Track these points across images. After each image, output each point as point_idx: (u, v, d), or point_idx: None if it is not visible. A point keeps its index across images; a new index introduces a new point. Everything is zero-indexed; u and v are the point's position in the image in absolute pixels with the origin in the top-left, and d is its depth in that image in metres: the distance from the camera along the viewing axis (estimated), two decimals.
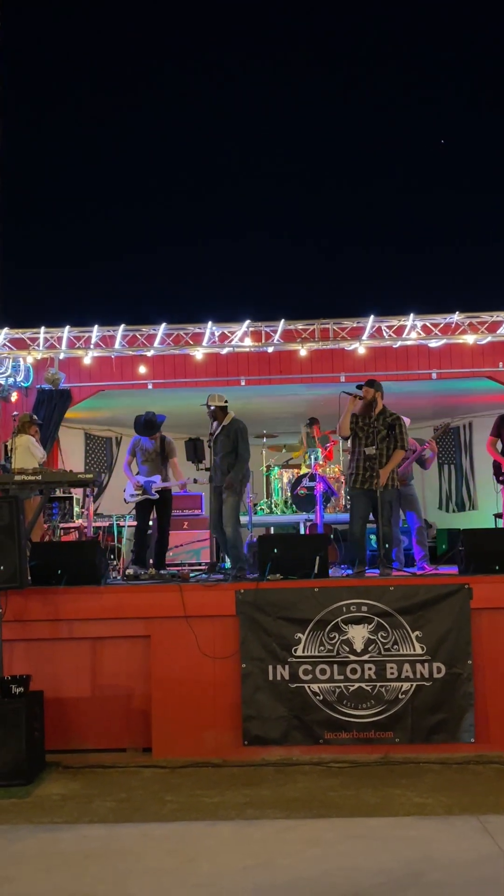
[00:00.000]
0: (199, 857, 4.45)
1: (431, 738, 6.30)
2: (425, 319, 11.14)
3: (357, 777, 5.84)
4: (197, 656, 6.48)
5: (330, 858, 4.38)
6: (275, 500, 11.67)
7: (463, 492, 14.86)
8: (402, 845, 4.54)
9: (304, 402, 12.87)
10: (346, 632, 6.43)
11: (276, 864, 4.32)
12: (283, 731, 6.33)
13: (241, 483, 8.19)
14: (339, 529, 11.22)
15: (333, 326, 11.20)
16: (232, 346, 11.13)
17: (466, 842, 4.56)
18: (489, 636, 6.47)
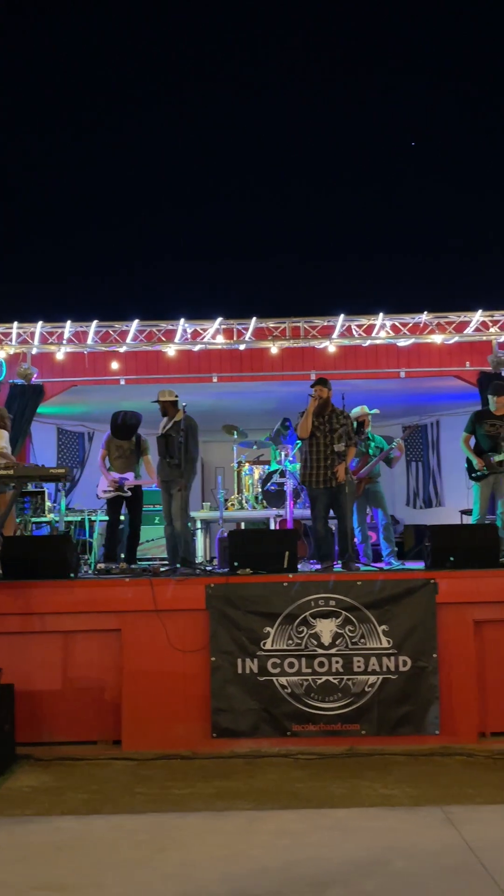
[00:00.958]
0: (169, 847, 4.47)
1: (397, 730, 6.36)
2: (394, 319, 11.22)
3: (324, 769, 5.88)
4: (167, 650, 6.50)
5: (298, 848, 4.41)
6: (245, 495, 11.69)
7: (430, 488, 14.98)
8: (368, 835, 4.59)
9: (275, 399, 12.90)
10: (314, 626, 6.47)
11: (245, 855, 4.35)
12: (252, 723, 6.36)
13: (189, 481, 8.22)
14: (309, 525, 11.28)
15: (304, 325, 11.24)
16: (204, 344, 11.15)
17: (430, 832, 4.62)
18: (454, 630, 6.54)
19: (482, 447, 8.60)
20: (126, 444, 9.00)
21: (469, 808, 5.00)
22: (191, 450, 8.13)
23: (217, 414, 13.34)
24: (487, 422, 8.60)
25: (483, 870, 4.07)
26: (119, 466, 8.96)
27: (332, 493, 7.84)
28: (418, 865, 4.16)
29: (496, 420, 8.59)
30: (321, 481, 7.85)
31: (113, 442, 9.00)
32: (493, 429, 8.55)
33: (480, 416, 8.72)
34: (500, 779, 5.59)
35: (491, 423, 8.58)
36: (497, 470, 8.46)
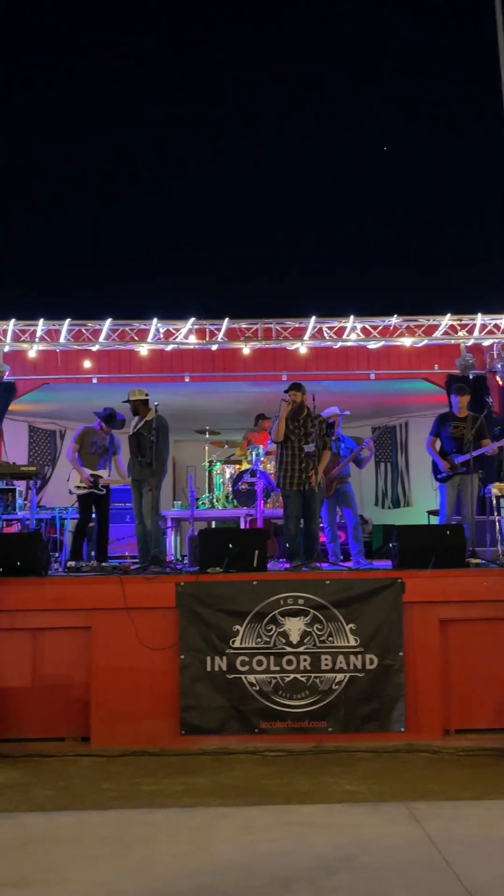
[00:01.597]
0: (135, 843, 4.46)
1: (363, 727, 6.39)
2: (365, 322, 11.26)
3: (291, 765, 5.90)
4: (137, 647, 6.48)
5: (264, 844, 4.42)
6: (216, 494, 11.68)
7: (398, 489, 15.05)
8: (334, 831, 4.61)
9: (247, 399, 12.90)
10: (282, 624, 6.49)
11: (211, 850, 4.35)
12: (220, 720, 6.37)
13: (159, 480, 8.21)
14: (279, 524, 11.30)
15: (276, 326, 11.26)
16: (177, 344, 11.12)
17: (395, 827, 4.65)
18: (420, 629, 6.59)
19: (447, 449, 8.68)
20: (103, 441, 8.94)
21: (433, 804, 5.05)
22: (161, 449, 8.10)
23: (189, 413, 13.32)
24: (451, 424, 8.70)
25: (445, 864, 4.10)
26: (94, 463, 8.91)
27: (304, 495, 7.96)
28: (382, 860, 4.19)
29: (459, 422, 8.68)
30: (294, 483, 7.96)
31: (89, 437, 8.90)
32: (458, 430, 8.64)
33: (445, 418, 8.81)
34: (464, 775, 5.64)
35: (455, 426, 8.67)
36: (460, 471, 8.55)
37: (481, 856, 4.23)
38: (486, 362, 11.71)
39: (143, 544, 8.28)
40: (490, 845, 4.37)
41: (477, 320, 11.26)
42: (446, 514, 8.67)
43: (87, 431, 8.93)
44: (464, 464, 8.51)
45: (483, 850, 4.31)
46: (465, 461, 8.49)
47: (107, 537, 9.04)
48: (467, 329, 11.33)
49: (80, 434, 8.91)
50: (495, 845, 4.37)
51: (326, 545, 9.30)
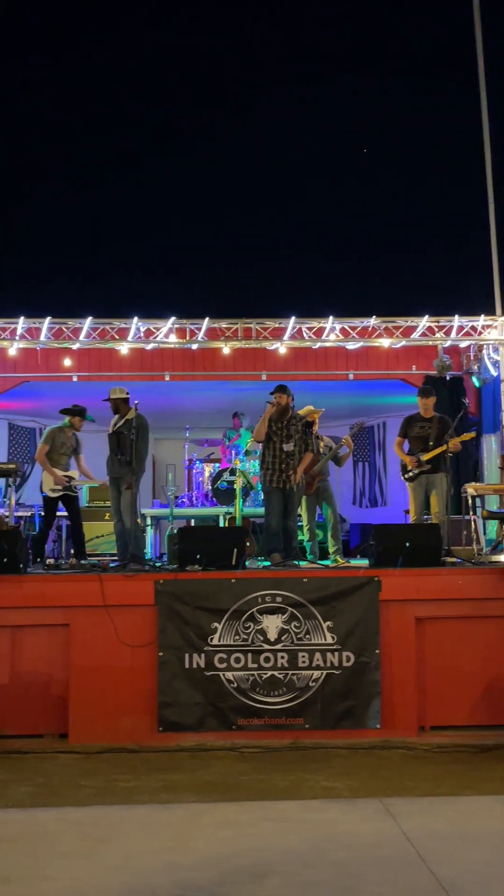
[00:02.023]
0: (113, 839, 4.46)
1: (340, 724, 6.42)
2: (344, 322, 11.29)
3: (268, 762, 5.92)
4: (115, 644, 6.48)
5: (240, 840, 4.44)
6: (196, 492, 11.69)
7: (376, 488, 15.12)
8: (310, 827, 4.63)
9: (226, 398, 12.90)
10: (260, 621, 6.50)
11: (188, 846, 4.36)
12: (198, 717, 6.38)
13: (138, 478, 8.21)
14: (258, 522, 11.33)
15: (256, 326, 11.27)
16: (157, 343, 11.11)
17: (370, 823, 4.68)
18: (396, 627, 6.62)
19: (413, 449, 8.85)
20: (70, 441, 8.91)
21: (408, 799, 5.08)
22: (140, 448, 8.10)
23: (169, 412, 13.32)
24: (417, 424, 8.90)
25: (420, 859, 4.13)
26: (64, 464, 8.88)
27: (284, 493, 8.10)
28: (357, 855, 4.22)
29: (425, 422, 8.88)
30: (275, 481, 8.11)
31: (58, 438, 8.85)
32: (423, 430, 8.83)
33: (411, 420, 9.01)
34: (439, 771, 5.68)
35: (420, 426, 8.88)
36: (426, 469, 8.68)
37: (455, 851, 4.26)
38: (463, 364, 11.78)
39: (121, 542, 8.27)
40: (463, 841, 4.41)
41: (454, 322, 11.33)
42: (415, 513, 8.80)
43: (55, 432, 8.88)
44: (430, 462, 8.64)
45: (457, 845, 4.34)
46: (432, 460, 8.62)
47: (83, 535, 9.03)
48: (445, 331, 11.40)
49: (48, 435, 8.86)
50: (469, 841, 4.41)
51: (305, 543, 9.34)
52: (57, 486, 8.74)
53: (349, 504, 15.39)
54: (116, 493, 8.30)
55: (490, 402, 11.50)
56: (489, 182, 12.22)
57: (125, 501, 8.15)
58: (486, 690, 6.62)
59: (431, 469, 8.71)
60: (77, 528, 9.00)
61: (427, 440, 8.75)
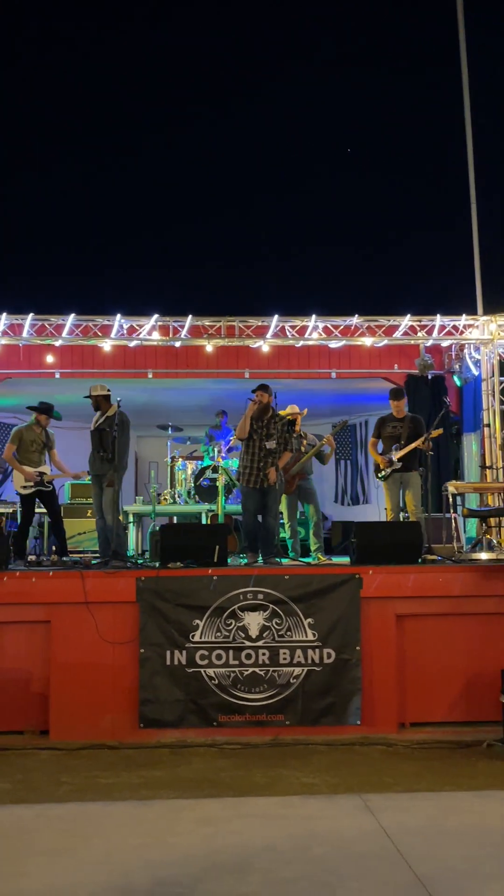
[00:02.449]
0: (93, 836, 4.44)
1: (320, 720, 6.42)
2: (326, 321, 11.30)
3: (248, 758, 5.92)
4: (96, 641, 6.45)
5: (220, 836, 4.43)
6: (178, 490, 11.66)
7: (357, 486, 15.15)
8: (289, 823, 4.63)
9: (209, 396, 12.89)
10: (242, 618, 6.50)
11: (168, 842, 4.35)
12: (178, 714, 6.36)
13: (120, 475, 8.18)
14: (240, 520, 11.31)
15: (239, 324, 11.26)
16: (140, 340, 11.08)
17: (349, 819, 4.68)
18: (377, 624, 6.63)
19: (386, 449, 8.95)
20: (39, 438, 8.85)
21: (387, 795, 5.09)
22: (122, 445, 8.06)
23: (152, 410, 13.28)
24: (390, 424, 9.04)
25: (399, 855, 4.14)
26: (35, 460, 8.83)
27: (261, 492, 8.13)
28: (336, 851, 4.22)
29: (397, 422, 9.00)
30: (252, 481, 8.13)
31: (26, 436, 8.81)
32: (395, 430, 8.96)
33: (384, 420, 9.13)
34: (418, 767, 5.69)
35: (392, 426, 8.99)
36: (398, 468, 8.76)
37: (433, 846, 4.28)
38: (445, 363, 11.83)
39: (103, 539, 8.24)
40: (442, 836, 4.42)
41: (436, 321, 11.37)
42: (391, 512, 8.87)
43: (21, 430, 8.84)
44: (403, 461, 8.72)
45: (435, 840, 4.36)
46: (404, 458, 8.71)
47: (63, 531, 8.99)
48: (427, 330, 11.43)
49: (15, 434, 8.82)
50: (447, 836, 4.42)
51: (287, 540, 9.35)
52: (28, 482, 8.69)
53: (331, 502, 15.42)
54: (98, 490, 8.26)
55: (471, 401, 11.55)
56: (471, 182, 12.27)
57: (107, 498, 8.12)
58: (466, 687, 6.65)
59: (404, 468, 8.80)
60: (57, 524, 8.96)
61: (399, 439, 8.87)
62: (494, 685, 6.31)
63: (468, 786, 5.28)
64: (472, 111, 12.32)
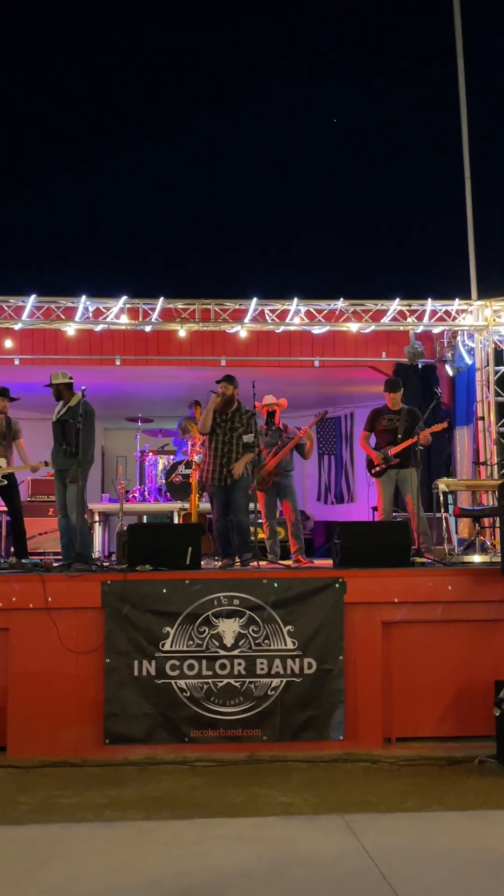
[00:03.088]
0: (52, 860, 4.44)
1: (300, 735, 6.44)
2: (309, 305, 11.32)
3: (222, 776, 5.93)
4: (58, 650, 6.44)
5: (190, 859, 4.45)
6: (148, 487, 11.67)
7: (342, 483, 15.20)
8: (265, 845, 4.65)
9: (182, 385, 12.89)
10: (216, 626, 6.51)
11: (134, 866, 4.36)
12: (147, 729, 6.37)
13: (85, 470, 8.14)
14: None
15: (215, 307, 11.26)
16: (107, 324, 11.05)
17: (330, 840, 4.71)
18: (362, 631, 6.67)
19: (381, 444, 8.91)
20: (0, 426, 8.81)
21: (371, 815, 5.12)
22: (86, 437, 8.02)
23: (120, 399, 13.27)
24: (385, 417, 8.97)
25: (382, 878, 4.18)
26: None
27: (225, 490, 8.18)
28: (316, 874, 4.25)
29: (393, 414, 8.95)
30: (215, 478, 8.20)
31: None
32: (391, 423, 8.91)
33: (378, 412, 9.10)
34: (404, 786, 5.73)
35: (388, 418, 8.94)
36: (393, 464, 8.73)
37: (419, 869, 4.31)
38: (436, 351, 11.90)
39: (66, 539, 8.21)
40: (428, 858, 4.46)
41: (427, 306, 11.42)
42: (384, 512, 8.85)
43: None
44: (399, 456, 8.70)
45: (421, 863, 4.40)
46: (400, 454, 8.69)
47: (23, 531, 8.95)
48: (417, 315, 11.49)
49: None
50: (434, 858, 4.46)
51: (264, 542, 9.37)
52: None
53: (313, 500, 15.47)
54: (61, 486, 8.23)
55: (464, 392, 11.62)
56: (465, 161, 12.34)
57: (70, 495, 8.09)
58: (456, 699, 6.70)
59: (400, 464, 8.78)
60: (17, 523, 8.93)
61: (395, 433, 8.82)
62: (487, 697, 6.37)
63: (457, 805, 5.32)
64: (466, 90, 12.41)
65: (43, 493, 11.48)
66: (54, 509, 10.13)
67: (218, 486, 8.19)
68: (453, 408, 11.80)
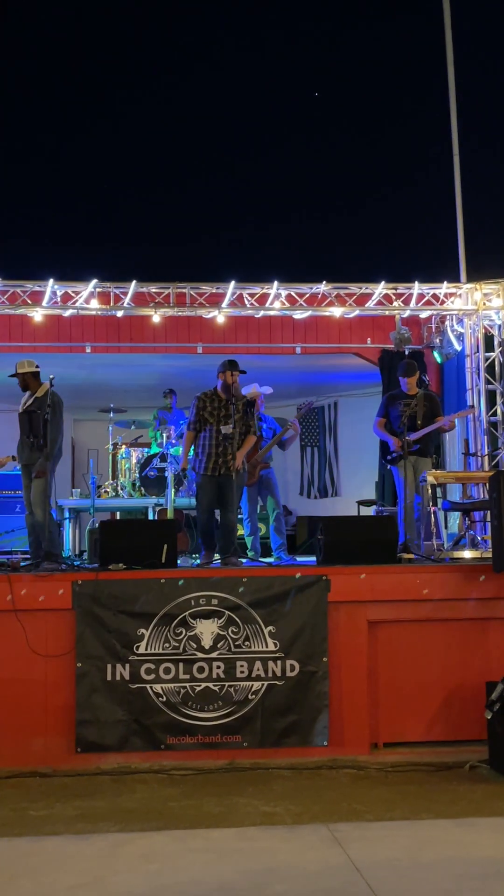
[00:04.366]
0: (20, 876, 4.41)
1: (282, 741, 6.44)
2: (290, 289, 11.29)
3: (200, 785, 5.93)
4: (26, 654, 6.40)
5: (167, 873, 4.43)
6: (121, 481, 11.62)
7: (326, 477, 15.21)
8: (245, 857, 4.64)
9: (157, 374, 12.85)
10: (193, 627, 6.49)
11: (107, 882, 4.33)
12: (120, 736, 6.34)
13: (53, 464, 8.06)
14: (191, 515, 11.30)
15: (191, 291, 11.20)
16: (76, 309, 10.97)
17: (314, 852, 4.71)
18: (346, 632, 6.66)
19: (396, 429, 8.87)
20: None
21: (357, 825, 5.12)
22: (54, 429, 7.94)
23: (90, 389, 13.21)
24: (402, 402, 8.91)
25: (370, 891, 4.17)
26: None
27: (219, 482, 8.01)
28: (299, 888, 4.24)
29: (410, 399, 8.89)
30: (209, 468, 8.02)
31: None
32: (408, 408, 8.84)
33: (393, 397, 9.06)
34: (392, 793, 5.74)
35: (406, 403, 8.88)
36: (412, 450, 8.70)
37: (408, 881, 4.31)
38: (424, 336, 11.89)
39: (34, 537, 8.16)
40: (418, 869, 4.46)
41: (414, 289, 11.40)
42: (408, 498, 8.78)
43: None
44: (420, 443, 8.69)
45: (411, 875, 4.39)
46: (419, 439, 8.67)
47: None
48: (403, 299, 11.47)
49: None
50: (423, 870, 4.46)
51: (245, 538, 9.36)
52: None
53: (296, 494, 15.47)
54: (28, 481, 8.17)
55: (453, 379, 11.63)
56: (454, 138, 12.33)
57: (36, 491, 8.03)
58: (446, 702, 6.71)
59: (419, 451, 8.76)
60: None
61: (414, 419, 8.77)
62: (478, 700, 6.38)
63: (448, 813, 5.33)
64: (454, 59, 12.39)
65: (9, 489, 11.41)
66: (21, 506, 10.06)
67: (210, 477, 8.06)
68: (442, 396, 11.81)
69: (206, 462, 8.06)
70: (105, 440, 12.42)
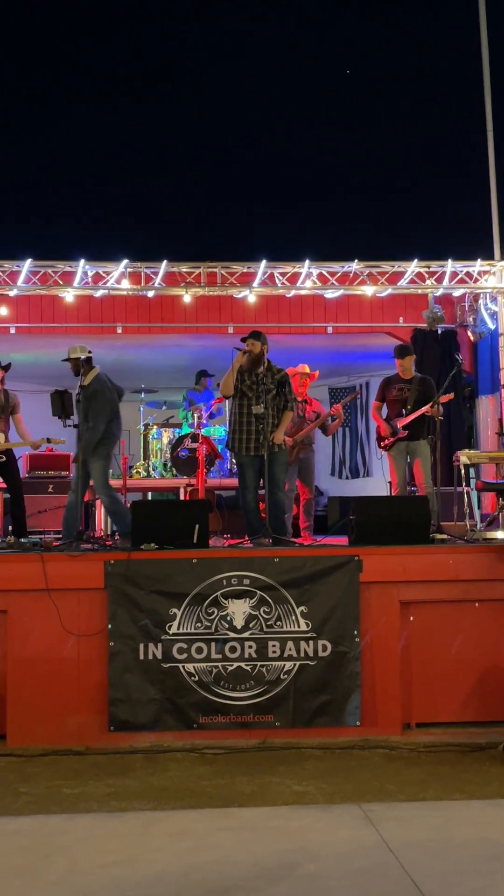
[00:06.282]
0: (55, 853, 4.45)
1: (314, 721, 6.44)
2: (322, 267, 11.22)
3: (232, 764, 5.94)
4: (60, 633, 6.44)
5: (199, 852, 4.45)
6: (152, 462, 11.63)
7: (357, 457, 15.16)
8: (277, 836, 4.65)
9: (188, 354, 12.84)
10: (225, 607, 6.49)
11: (140, 860, 4.36)
12: (153, 715, 6.37)
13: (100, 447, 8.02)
14: (223, 496, 11.31)
15: (222, 271, 11.16)
16: (107, 289, 10.98)
17: (346, 831, 4.71)
18: (378, 612, 6.64)
19: (391, 414, 8.85)
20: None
21: (390, 805, 5.12)
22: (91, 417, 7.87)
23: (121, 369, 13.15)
24: (396, 386, 8.94)
25: (402, 871, 4.17)
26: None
27: (262, 460, 7.75)
28: (331, 868, 4.24)
29: (404, 384, 8.88)
30: (250, 448, 7.87)
31: None
32: (401, 393, 8.85)
33: (389, 381, 9.08)
34: (424, 774, 5.73)
35: (399, 388, 8.88)
36: (401, 436, 8.67)
37: (442, 862, 4.30)
38: (457, 315, 11.78)
39: (70, 514, 8.13)
40: (450, 850, 4.45)
41: (447, 267, 11.30)
42: (398, 486, 8.83)
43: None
44: (409, 428, 8.65)
45: (444, 855, 4.38)
46: (410, 425, 8.63)
47: (23, 509, 8.93)
48: (436, 277, 11.37)
49: None
50: (456, 850, 4.45)
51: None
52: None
53: (327, 475, 15.42)
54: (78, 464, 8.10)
55: (487, 359, 11.53)
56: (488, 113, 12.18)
57: (95, 477, 7.99)
58: (479, 683, 6.68)
59: (410, 436, 8.73)
60: (17, 500, 8.91)
61: (405, 403, 8.76)
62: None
63: (480, 794, 5.31)
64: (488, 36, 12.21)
65: (42, 470, 11.46)
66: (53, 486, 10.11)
67: (252, 457, 7.87)
68: (476, 376, 11.72)
69: (245, 442, 7.89)
70: (136, 421, 12.43)
